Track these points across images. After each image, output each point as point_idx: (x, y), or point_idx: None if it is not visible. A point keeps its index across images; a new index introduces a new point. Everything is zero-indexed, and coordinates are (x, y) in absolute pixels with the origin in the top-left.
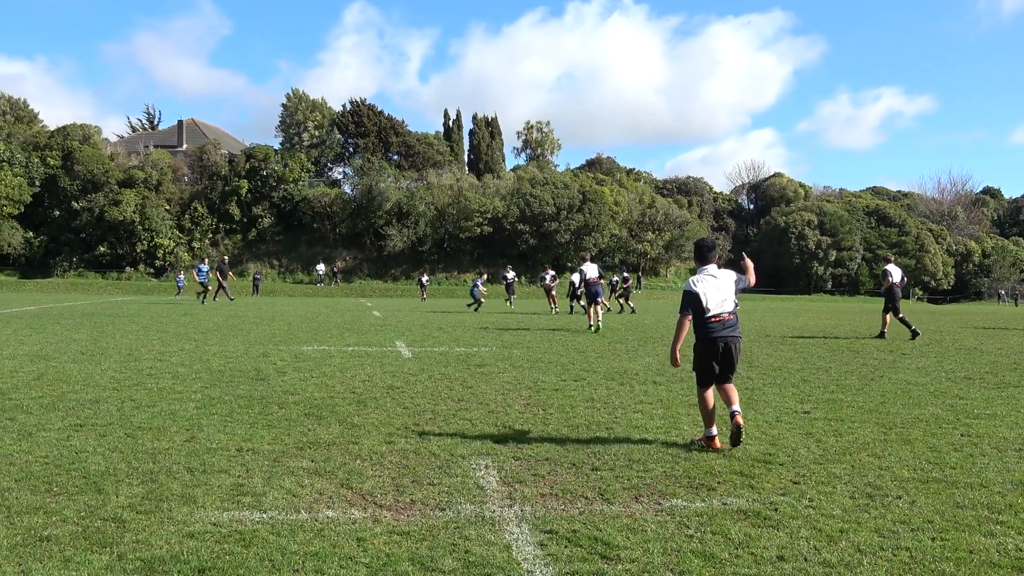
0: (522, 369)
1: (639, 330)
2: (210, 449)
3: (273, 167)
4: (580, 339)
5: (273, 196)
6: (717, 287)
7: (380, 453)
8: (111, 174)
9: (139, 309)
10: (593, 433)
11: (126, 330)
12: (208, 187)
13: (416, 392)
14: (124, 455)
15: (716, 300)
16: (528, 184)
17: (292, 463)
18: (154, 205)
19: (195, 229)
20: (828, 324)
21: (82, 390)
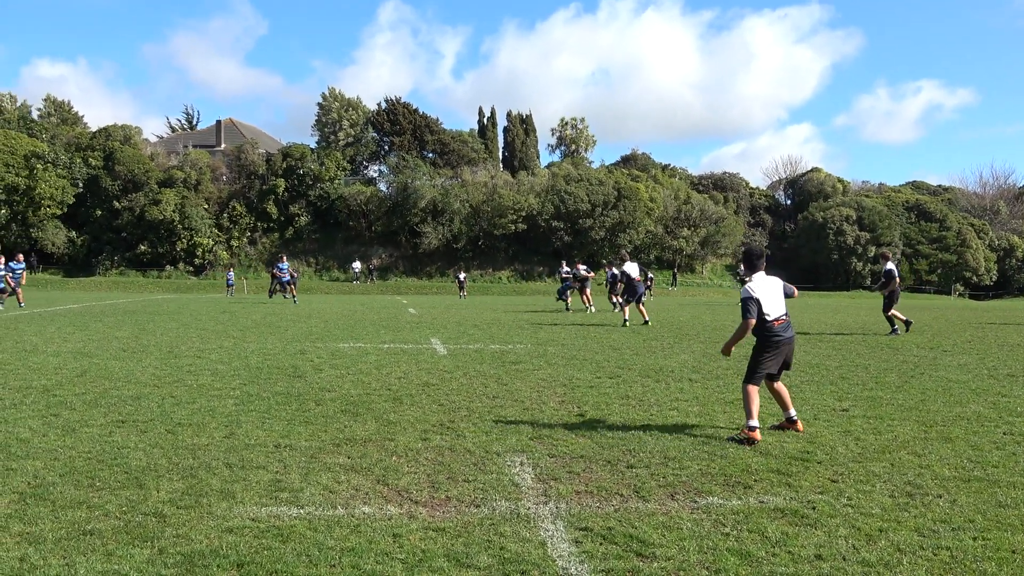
0: (557, 366)
1: (675, 327)
2: (248, 445)
3: (309, 166)
4: (615, 336)
5: (310, 195)
6: (772, 292)
7: (416, 450)
8: (151, 174)
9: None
10: (628, 430)
11: (166, 328)
12: (246, 186)
13: (451, 389)
14: (164, 451)
15: (774, 304)
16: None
17: (329, 459)
18: (193, 204)
19: (233, 228)
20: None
21: (124, 387)
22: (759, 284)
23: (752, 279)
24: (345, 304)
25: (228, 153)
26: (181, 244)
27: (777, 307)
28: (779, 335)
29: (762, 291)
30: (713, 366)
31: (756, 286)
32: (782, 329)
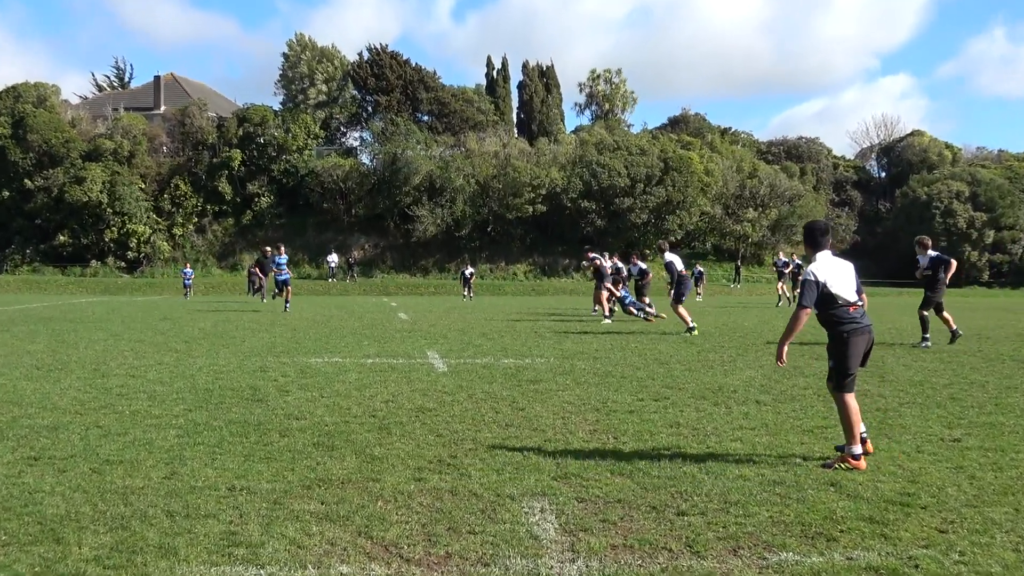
0: (588, 386)
1: (738, 335)
2: (195, 488)
3: (272, 133)
4: (662, 347)
5: (273, 169)
6: (842, 274)
7: (407, 493)
8: (72, 145)
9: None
10: (679, 467)
11: (91, 339)
12: (192, 159)
13: (453, 415)
14: (89, 495)
15: (845, 286)
16: (594, 150)
17: (297, 505)
18: (126, 183)
19: (176, 212)
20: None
21: (37, 414)
22: (824, 265)
23: (816, 259)
24: (318, 308)
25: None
26: (111, 233)
27: (850, 291)
28: (858, 322)
29: (828, 272)
30: (787, 384)
31: (820, 267)
32: (859, 315)
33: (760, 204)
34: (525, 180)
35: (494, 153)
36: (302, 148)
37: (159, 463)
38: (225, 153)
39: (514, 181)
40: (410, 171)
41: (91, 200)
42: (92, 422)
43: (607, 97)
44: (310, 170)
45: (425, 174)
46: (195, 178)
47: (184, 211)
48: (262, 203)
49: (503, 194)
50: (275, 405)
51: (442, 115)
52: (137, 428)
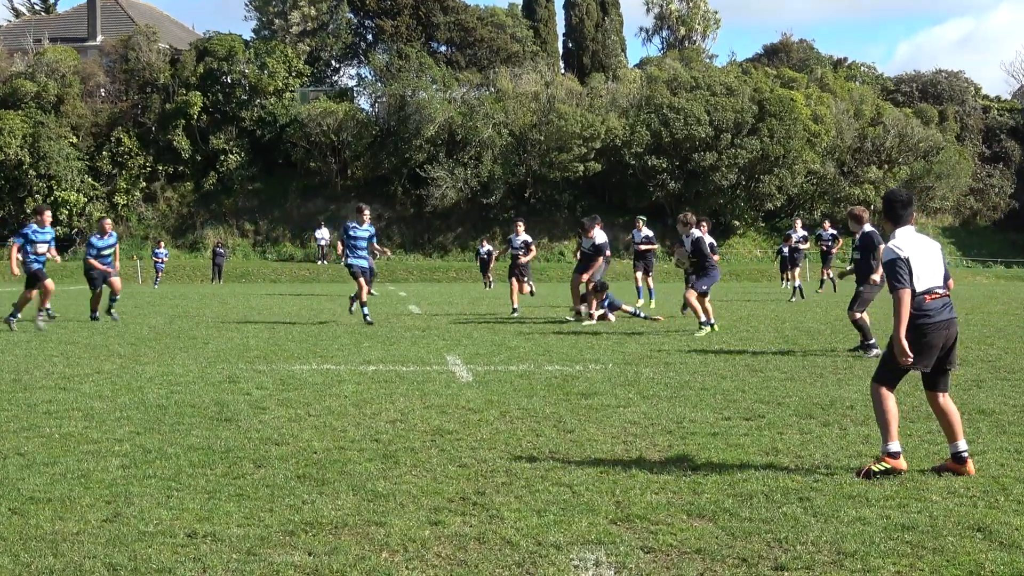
0: (657, 400)
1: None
2: (144, 534)
3: (242, 70)
4: (755, 348)
5: (243, 118)
6: (926, 252)
7: (420, 541)
8: None
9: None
10: (777, 507)
11: (10, 341)
12: (138, 105)
13: (480, 439)
14: (8, 544)
15: (928, 269)
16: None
17: (277, 557)
18: (52, 136)
19: (119, 175)
20: None
21: None
22: (907, 241)
23: (896, 235)
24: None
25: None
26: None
27: (933, 275)
28: (935, 315)
29: (912, 249)
30: (920, 398)
31: (903, 243)
32: (941, 305)
33: (886, 160)
34: (574, 130)
35: (533, 95)
36: (281, 90)
37: (98, 502)
38: (181, 97)
39: (560, 131)
40: (423, 119)
41: (7, 159)
42: (11, 448)
43: (682, 19)
44: (292, 118)
45: (443, 123)
46: (143, 130)
47: (129, 173)
48: (230, 162)
49: (546, 149)
50: (248, 426)
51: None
52: (70, 456)
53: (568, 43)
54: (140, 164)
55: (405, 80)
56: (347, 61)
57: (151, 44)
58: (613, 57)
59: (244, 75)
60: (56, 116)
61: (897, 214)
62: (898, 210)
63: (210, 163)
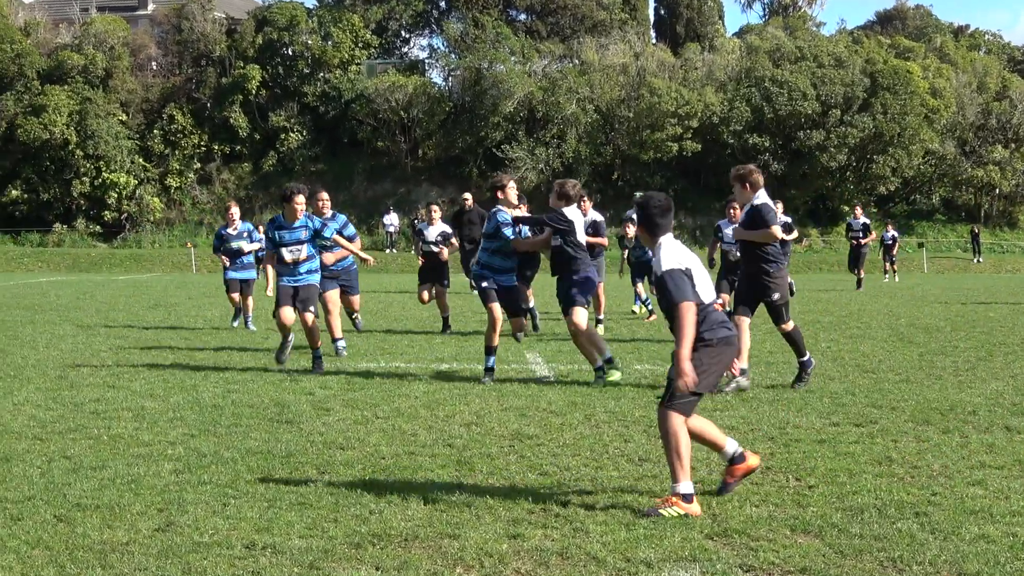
0: (757, 404)
1: (979, 330)
2: (199, 545)
3: (305, 41)
4: (866, 348)
5: (305, 93)
6: (698, 263)
7: (498, 555)
8: (27, 60)
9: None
10: (890, 523)
11: (56, 335)
12: (193, 79)
13: (563, 444)
14: (53, 554)
15: (705, 281)
16: (768, 61)
17: (342, 571)
18: (101, 113)
19: (172, 154)
20: None
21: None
22: (680, 249)
23: (662, 244)
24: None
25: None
26: (81, 185)
27: (709, 287)
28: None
29: (688, 260)
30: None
31: (676, 253)
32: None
33: (1013, 138)
34: (667, 106)
35: (622, 67)
36: (347, 63)
37: (150, 509)
38: (239, 70)
39: (651, 107)
40: (500, 94)
41: (53, 138)
42: (57, 451)
43: None
44: (358, 94)
45: (523, 98)
46: (197, 106)
47: (182, 153)
48: (291, 141)
49: (635, 126)
50: (311, 429)
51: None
52: (119, 460)
53: (660, 10)
54: (194, 143)
55: (481, 51)
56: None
57: (206, 13)
58: (709, 25)
59: (307, 46)
60: (104, 91)
61: (656, 223)
62: (657, 218)
63: (270, 142)
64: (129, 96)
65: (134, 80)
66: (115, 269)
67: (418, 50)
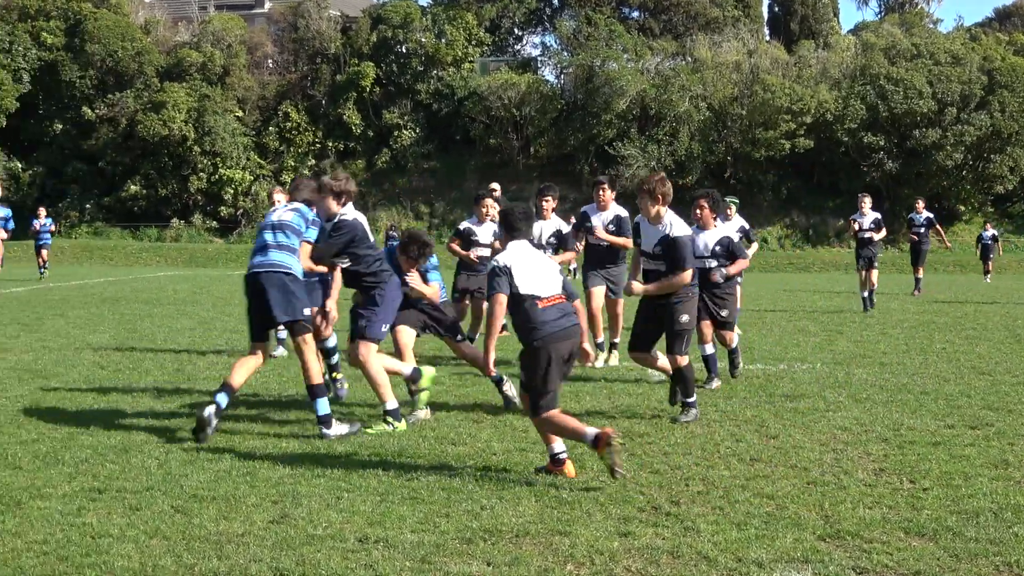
0: (871, 404)
1: None
2: (312, 537)
3: (418, 39)
4: (982, 349)
5: (419, 91)
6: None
7: (609, 553)
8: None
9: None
10: (1007, 527)
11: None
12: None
13: (673, 443)
14: (171, 543)
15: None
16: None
17: (453, 566)
18: (218, 110)
19: (287, 151)
20: None
21: (102, 431)
22: (511, 253)
23: (509, 246)
24: None
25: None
26: (198, 181)
27: (547, 283)
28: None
29: (515, 260)
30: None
31: (507, 254)
32: (557, 313)
33: None
34: (781, 103)
35: (735, 64)
36: (460, 60)
37: (264, 501)
38: (354, 68)
39: (764, 105)
40: (613, 92)
41: (172, 135)
42: (174, 443)
43: None
44: (471, 91)
45: (635, 96)
46: (312, 103)
47: (297, 150)
48: (404, 138)
49: (748, 124)
50: (423, 424)
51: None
52: (235, 452)
53: (774, 7)
54: (308, 140)
55: (593, 49)
56: (530, 28)
57: (321, 11)
58: (824, 22)
59: (420, 44)
60: (222, 89)
61: (516, 227)
62: (517, 223)
63: (383, 139)
64: (246, 93)
65: (250, 77)
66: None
67: (531, 48)
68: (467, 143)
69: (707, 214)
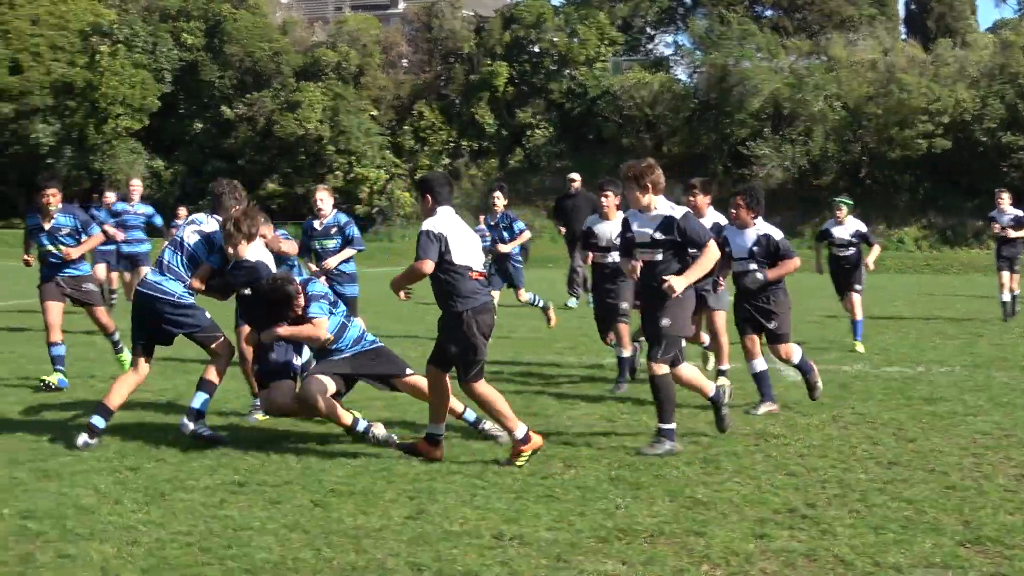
0: (1012, 408)
1: None
2: (448, 534)
3: (551, 38)
4: None
5: (551, 90)
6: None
7: (744, 555)
8: (284, 58)
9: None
10: None
11: None
12: (442, 76)
13: (810, 446)
14: (310, 537)
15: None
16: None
17: (588, 565)
18: (352, 110)
19: (420, 151)
20: None
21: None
22: (442, 219)
23: (437, 211)
24: None
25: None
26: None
27: (475, 256)
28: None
29: (449, 228)
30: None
31: (438, 219)
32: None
33: None
34: (918, 103)
35: (871, 63)
36: (592, 60)
37: (401, 497)
38: (486, 67)
39: (901, 104)
40: (746, 91)
41: (307, 134)
42: (313, 438)
43: None
44: (603, 90)
45: (768, 95)
46: (446, 103)
47: (431, 149)
48: (536, 138)
49: (884, 124)
50: (557, 422)
51: (793, 8)
52: (372, 449)
53: (910, 5)
54: (443, 140)
55: (727, 48)
56: (663, 28)
57: (455, 11)
58: (961, 20)
59: (553, 43)
60: (356, 88)
61: (436, 191)
62: (437, 187)
63: (516, 139)
64: (380, 93)
65: (385, 77)
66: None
67: (663, 47)
68: (599, 142)
69: (743, 212)
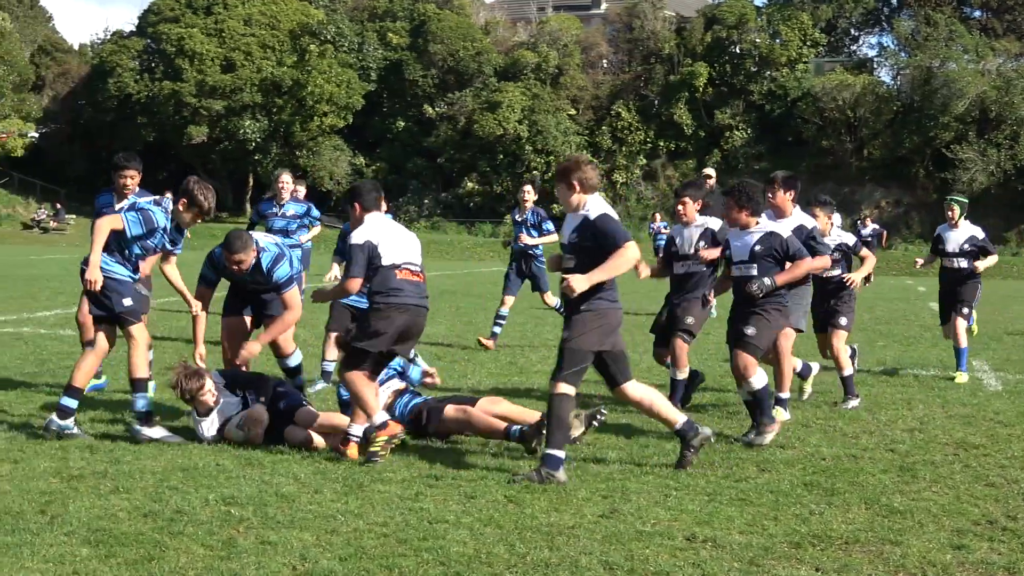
0: None
1: None
2: (641, 534)
3: (753, 39)
4: None
5: (751, 91)
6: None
7: (941, 565)
8: (485, 58)
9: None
10: None
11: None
12: (641, 77)
13: (1011, 457)
14: (504, 532)
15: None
16: None
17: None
18: (550, 109)
19: (619, 151)
20: None
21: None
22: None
23: (366, 220)
24: None
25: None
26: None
27: (407, 254)
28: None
29: (378, 236)
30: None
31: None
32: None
33: None
34: None
35: None
36: (794, 61)
37: (595, 496)
38: (687, 68)
39: None
40: (951, 94)
41: (506, 133)
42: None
43: None
44: (805, 92)
45: (974, 98)
46: (644, 103)
47: (628, 149)
48: (735, 139)
49: None
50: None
51: (1003, 9)
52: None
53: None
54: (640, 140)
55: (933, 50)
56: (867, 29)
57: (657, 12)
58: None
59: (755, 44)
60: (554, 88)
61: (365, 199)
62: (364, 195)
63: (714, 140)
64: (579, 93)
65: (584, 77)
66: None
67: (867, 48)
68: (799, 144)
69: (735, 212)
